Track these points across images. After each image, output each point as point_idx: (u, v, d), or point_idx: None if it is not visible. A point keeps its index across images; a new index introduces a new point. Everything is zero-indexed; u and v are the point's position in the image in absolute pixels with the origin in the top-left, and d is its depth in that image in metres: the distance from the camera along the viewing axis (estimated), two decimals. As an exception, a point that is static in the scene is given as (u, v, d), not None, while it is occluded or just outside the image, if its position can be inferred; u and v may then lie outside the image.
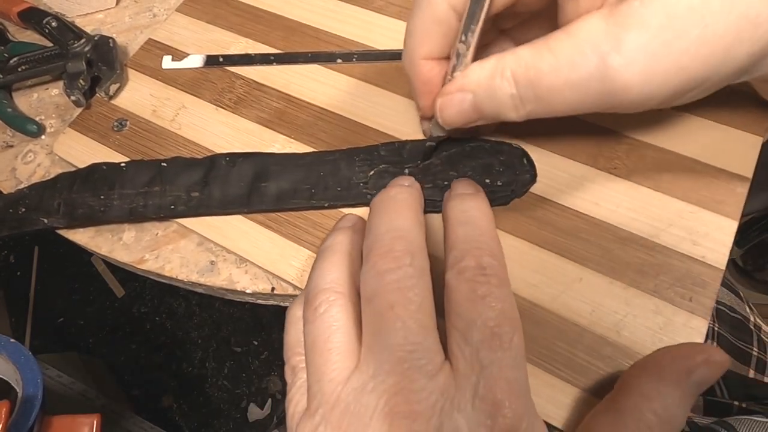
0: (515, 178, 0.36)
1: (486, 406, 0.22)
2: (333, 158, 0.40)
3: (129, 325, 1.51)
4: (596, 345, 0.32)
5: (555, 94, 0.27)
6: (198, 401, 1.42)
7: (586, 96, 0.26)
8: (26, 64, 0.47)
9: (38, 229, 0.41)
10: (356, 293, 0.28)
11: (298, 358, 0.29)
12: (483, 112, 0.30)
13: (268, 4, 0.50)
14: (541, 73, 0.27)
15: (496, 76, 0.28)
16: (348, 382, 0.25)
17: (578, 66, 0.26)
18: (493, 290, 0.24)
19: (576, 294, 0.33)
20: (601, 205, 0.36)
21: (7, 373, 0.50)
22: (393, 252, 0.26)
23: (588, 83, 0.26)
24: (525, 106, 0.28)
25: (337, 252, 0.29)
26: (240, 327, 1.49)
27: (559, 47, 0.26)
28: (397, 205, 0.28)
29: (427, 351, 0.24)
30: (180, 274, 0.40)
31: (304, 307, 0.28)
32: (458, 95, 0.30)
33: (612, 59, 0.25)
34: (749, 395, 0.51)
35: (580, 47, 0.25)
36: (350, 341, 0.26)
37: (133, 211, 0.40)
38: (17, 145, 0.47)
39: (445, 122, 0.32)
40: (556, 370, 0.31)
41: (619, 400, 0.27)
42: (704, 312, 0.32)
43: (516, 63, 0.28)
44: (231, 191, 0.39)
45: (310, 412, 0.25)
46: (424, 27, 0.31)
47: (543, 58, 0.27)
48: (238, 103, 0.44)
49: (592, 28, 0.25)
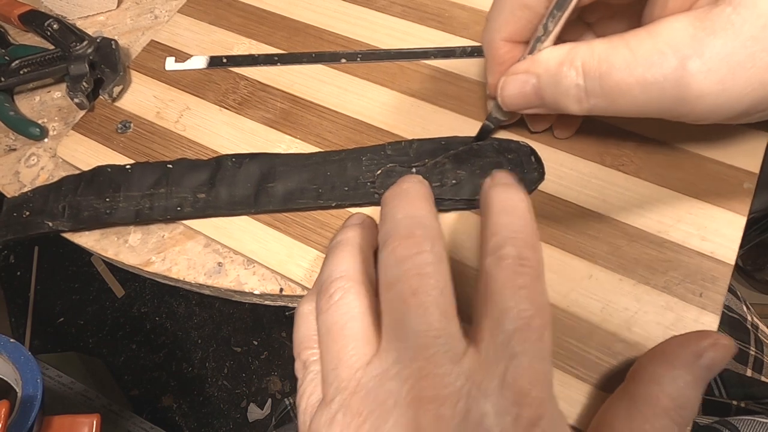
0: (523, 177, 0.36)
1: (512, 394, 0.22)
2: (339, 158, 0.40)
3: (129, 325, 1.50)
4: (607, 342, 0.32)
5: (623, 92, 0.26)
6: (198, 401, 1.42)
7: (655, 99, 0.26)
8: (28, 66, 0.47)
9: (43, 232, 0.41)
10: (369, 284, 0.28)
11: (309, 351, 0.28)
12: (544, 99, 0.30)
13: (270, 5, 0.50)
14: (613, 67, 0.26)
15: (565, 63, 0.28)
16: (368, 368, 0.24)
17: (654, 66, 0.25)
18: (530, 282, 0.24)
19: (586, 291, 0.33)
20: (610, 202, 0.36)
21: (6, 373, 0.50)
22: (413, 237, 0.25)
23: (661, 85, 0.25)
24: (589, 100, 0.28)
25: (349, 245, 0.29)
26: (240, 327, 1.49)
27: (637, 44, 0.26)
28: (412, 197, 0.28)
29: (450, 337, 0.24)
30: (187, 276, 0.39)
31: (317, 298, 0.28)
32: (523, 76, 0.30)
33: (692, 64, 0.24)
34: (747, 394, 0.52)
35: (659, 47, 0.25)
36: (367, 328, 0.26)
37: (139, 213, 0.40)
38: (20, 148, 0.47)
39: (504, 102, 0.32)
40: (568, 368, 0.31)
41: (632, 389, 0.27)
42: (715, 307, 0.32)
43: (589, 54, 0.27)
44: (238, 192, 0.39)
45: (326, 401, 0.25)
46: (511, 8, 0.31)
47: (618, 52, 0.26)
48: (242, 103, 0.44)
49: (676, 29, 0.25)
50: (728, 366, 0.55)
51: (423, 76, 0.43)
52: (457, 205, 0.37)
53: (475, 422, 0.22)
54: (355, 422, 0.23)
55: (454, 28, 0.46)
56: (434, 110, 0.42)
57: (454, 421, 0.22)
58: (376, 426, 0.23)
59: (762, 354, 0.57)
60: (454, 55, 0.44)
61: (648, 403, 0.26)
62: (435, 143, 0.39)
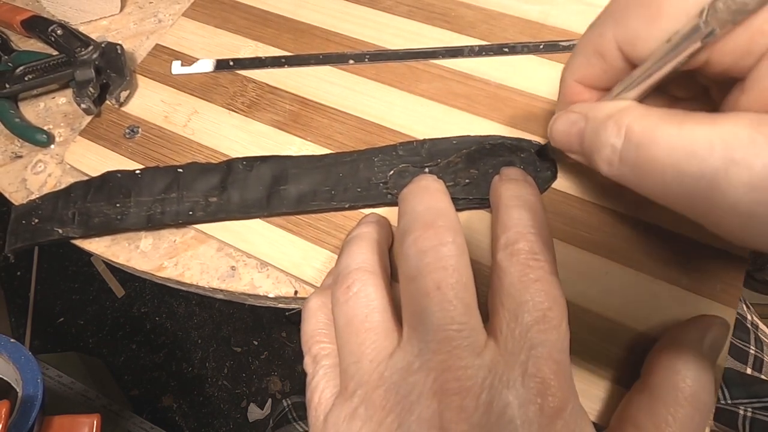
0: (536, 175, 0.36)
1: (535, 384, 0.23)
2: (351, 159, 0.40)
3: (129, 325, 1.50)
4: (626, 338, 0.32)
5: (655, 172, 0.23)
6: (198, 401, 1.42)
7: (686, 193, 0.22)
8: (33, 73, 0.47)
9: (53, 239, 0.40)
10: (386, 277, 0.28)
11: (320, 345, 0.28)
12: (582, 146, 0.28)
13: (276, 7, 0.50)
14: (655, 142, 0.23)
15: (613, 117, 0.25)
16: (390, 361, 0.25)
17: (696, 157, 0.21)
18: (545, 276, 0.25)
19: (603, 288, 0.33)
20: (624, 199, 0.36)
21: (7, 373, 0.50)
22: (435, 227, 0.25)
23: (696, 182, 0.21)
24: (619, 166, 0.25)
25: (365, 239, 0.29)
26: (240, 327, 1.49)
27: (691, 127, 0.22)
28: (431, 191, 0.28)
29: (472, 330, 0.24)
30: (200, 280, 0.39)
31: (334, 289, 0.28)
32: (574, 116, 0.28)
33: (735, 171, 0.20)
34: (750, 393, 0.52)
35: (711, 138, 0.21)
36: (388, 320, 0.26)
37: (150, 218, 0.40)
38: (26, 155, 0.46)
39: (550, 134, 0.31)
40: (588, 365, 0.32)
41: (650, 381, 0.27)
42: (731, 301, 0.32)
43: (639, 118, 0.24)
44: (250, 195, 0.39)
45: (346, 395, 0.25)
46: (586, 53, 0.29)
47: (666, 128, 0.22)
48: (251, 106, 0.44)
49: (738, 124, 0.21)
50: (729, 365, 0.56)
51: (432, 75, 0.43)
52: (471, 204, 0.37)
53: (498, 413, 0.22)
54: (378, 415, 0.24)
55: (461, 27, 0.46)
56: (444, 110, 0.42)
57: (477, 412, 0.22)
58: (401, 419, 0.23)
59: (762, 353, 0.58)
60: (462, 54, 0.44)
61: (669, 392, 0.26)
62: (447, 143, 0.39)
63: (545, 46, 0.44)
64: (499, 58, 0.44)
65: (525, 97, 0.41)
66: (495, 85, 0.42)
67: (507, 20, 0.46)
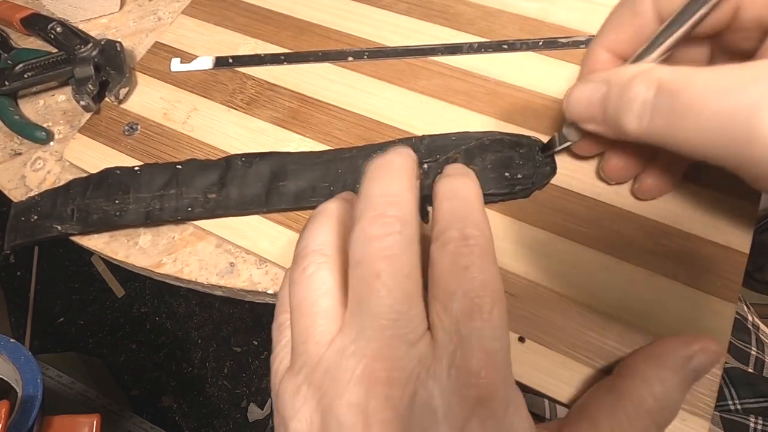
0: (535, 171, 0.36)
1: (461, 376, 0.22)
2: (350, 155, 0.40)
3: (129, 325, 1.50)
4: (625, 333, 0.32)
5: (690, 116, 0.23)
6: (198, 401, 1.41)
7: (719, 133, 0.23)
8: (32, 70, 0.47)
9: (52, 236, 0.40)
10: (345, 257, 0.27)
11: (285, 315, 0.29)
12: (606, 112, 0.28)
13: (275, 4, 0.50)
14: (690, 87, 0.23)
15: (639, 76, 0.25)
16: (331, 345, 0.25)
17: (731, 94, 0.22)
18: (475, 261, 0.24)
19: (602, 283, 0.33)
20: (623, 194, 0.36)
21: (6, 373, 0.50)
22: (384, 217, 0.25)
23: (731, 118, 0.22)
24: (652, 119, 0.25)
25: (329, 216, 0.29)
26: (240, 327, 1.48)
27: (724, 71, 0.23)
28: (393, 170, 0.27)
29: (410, 320, 0.24)
30: (199, 277, 0.39)
31: (291, 268, 0.28)
32: (594, 85, 0.28)
33: None
34: (758, 392, 0.52)
35: (744, 79, 0.22)
36: (336, 305, 0.26)
37: (149, 215, 0.40)
38: (25, 152, 0.47)
39: (567, 105, 0.30)
40: (587, 360, 0.32)
41: (620, 384, 0.27)
42: (731, 296, 0.32)
43: (670, 72, 0.24)
44: (249, 191, 0.39)
45: (294, 371, 0.25)
46: (620, 15, 0.30)
47: (701, 79, 0.23)
48: (250, 103, 0.44)
49: None
50: (733, 364, 0.56)
51: (431, 72, 0.44)
52: (470, 201, 0.37)
53: (422, 404, 0.22)
54: (316, 396, 0.24)
55: (460, 24, 0.46)
56: (443, 106, 0.42)
57: (402, 402, 0.22)
58: (331, 402, 0.23)
59: (763, 354, 0.57)
60: (461, 51, 0.44)
61: (633, 402, 0.26)
62: (446, 139, 0.39)
63: (544, 42, 0.44)
64: (498, 55, 0.44)
65: (524, 94, 0.41)
66: (494, 82, 0.42)
67: (506, 17, 0.46)
